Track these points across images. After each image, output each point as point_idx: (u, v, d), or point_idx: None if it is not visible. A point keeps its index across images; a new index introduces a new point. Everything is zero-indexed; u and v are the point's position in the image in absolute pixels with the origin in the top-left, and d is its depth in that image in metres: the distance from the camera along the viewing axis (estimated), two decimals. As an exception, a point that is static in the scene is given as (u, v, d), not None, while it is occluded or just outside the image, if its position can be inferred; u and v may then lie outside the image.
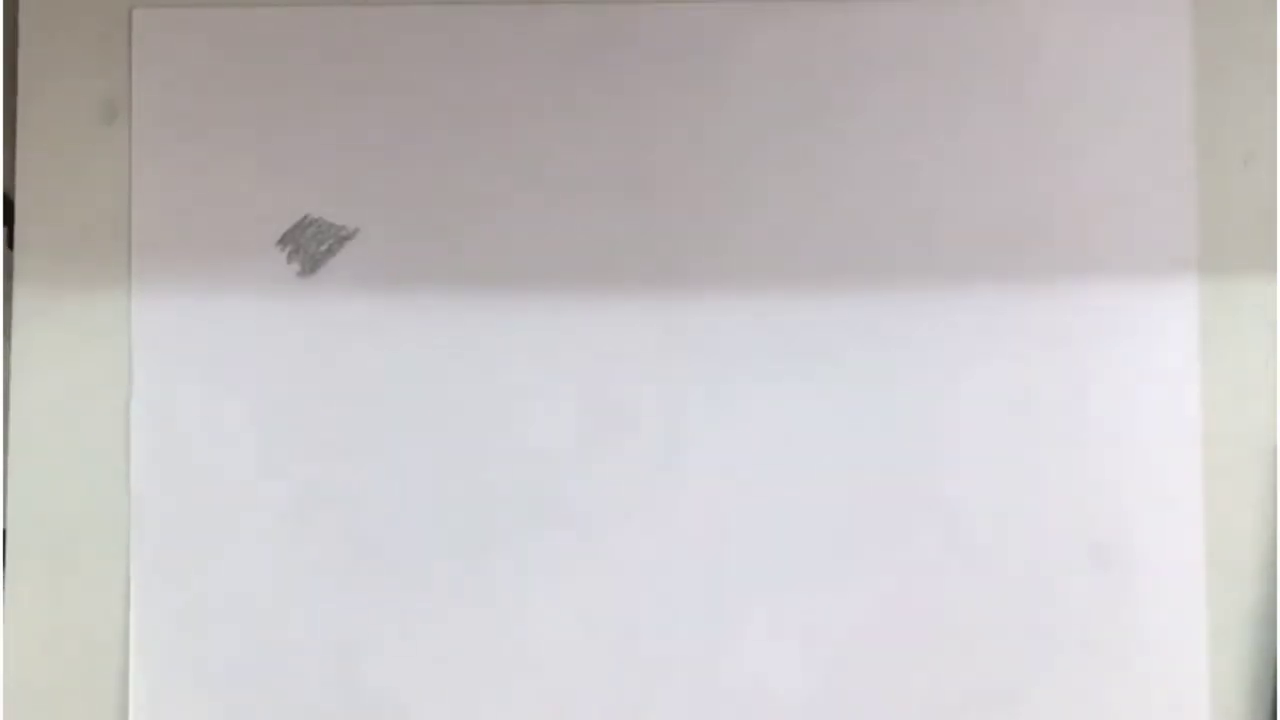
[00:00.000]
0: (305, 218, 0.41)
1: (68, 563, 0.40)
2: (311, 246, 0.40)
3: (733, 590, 0.40)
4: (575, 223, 0.41)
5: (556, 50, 0.42)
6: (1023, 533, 0.40)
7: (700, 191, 0.41)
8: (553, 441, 0.40)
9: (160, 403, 0.40)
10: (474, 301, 0.41)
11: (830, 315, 0.41)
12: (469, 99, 0.41)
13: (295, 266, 0.41)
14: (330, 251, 0.41)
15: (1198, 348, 0.41)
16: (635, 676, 0.40)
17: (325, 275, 0.41)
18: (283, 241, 0.41)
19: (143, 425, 0.40)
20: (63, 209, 0.41)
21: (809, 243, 0.41)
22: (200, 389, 0.41)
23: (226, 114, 0.41)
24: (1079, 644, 0.40)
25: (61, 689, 0.40)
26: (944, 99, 0.42)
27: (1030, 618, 0.40)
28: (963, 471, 0.41)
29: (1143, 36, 0.42)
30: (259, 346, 0.41)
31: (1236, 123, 0.42)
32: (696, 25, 0.42)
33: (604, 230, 0.41)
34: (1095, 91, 0.42)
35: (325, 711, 0.40)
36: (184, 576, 0.40)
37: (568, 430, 0.40)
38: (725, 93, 0.41)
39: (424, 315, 0.41)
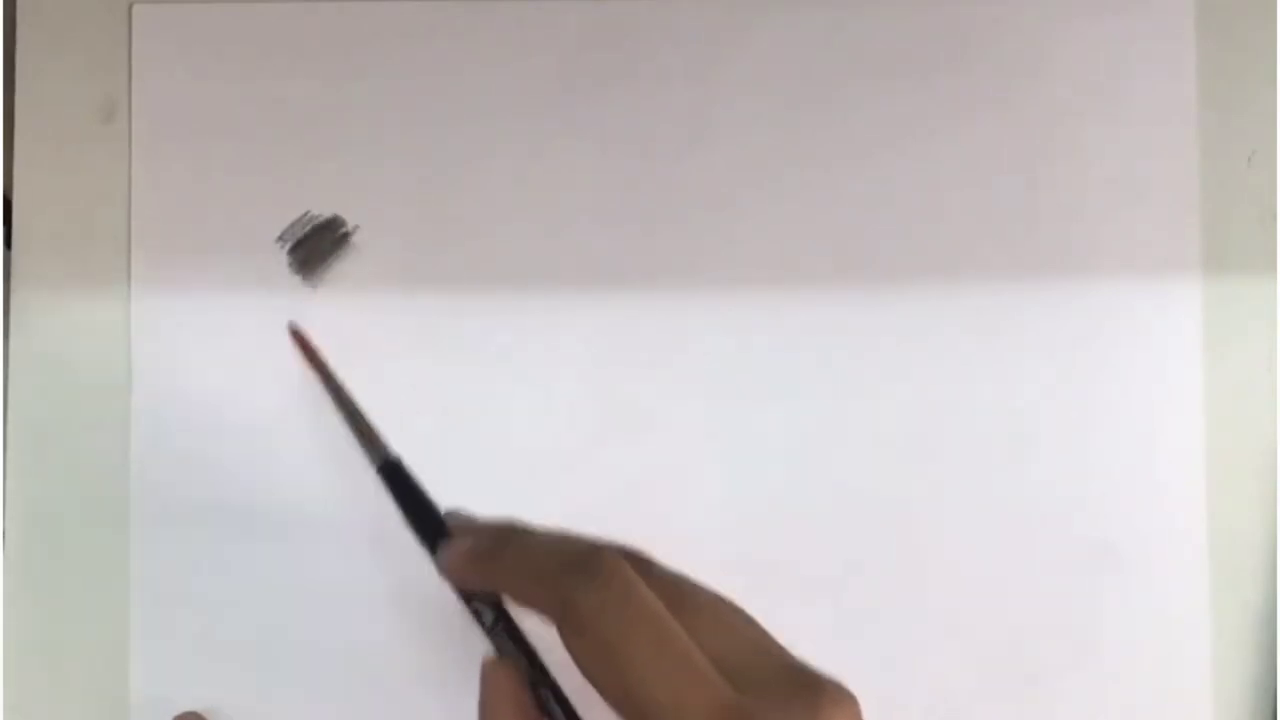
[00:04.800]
0: (306, 214, 0.40)
1: (68, 563, 0.40)
2: (311, 243, 0.40)
3: (737, 588, 0.40)
4: (578, 221, 0.41)
5: (560, 47, 0.41)
6: (1023, 533, 0.41)
7: (701, 190, 0.41)
8: (555, 442, 0.40)
9: (160, 403, 0.40)
10: (476, 299, 0.41)
11: (829, 315, 0.41)
12: (472, 96, 0.41)
13: (294, 264, 0.40)
14: (330, 249, 0.40)
15: (1200, 347, 0.41)
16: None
17: (325, 273, 0.41)
18: (282, 238, 0.40)
19: (143, 425, 0.40)
20: (61, 208, 0.41)
21: (808, 242, 0.41)
22: (201, 389, 0.40)
23: (228, 112, 0.41)
24: (1080, 644, 0.40)
25: (62, 689, 0.40)
26: (944, 98, 0.41)
27: (1030, 618, 0.40)
28: (962, 472, 0.41)
29: (1145, 35, 0.42)
30: (260, 346, 0.40)
31: (1239, 121, 0.42)
32: (699, 23, 0.41)
33: (606, 229, 0.41)
34: (1096, 90, 0.42)
35: (330, 715, 0.40)
36: (185, 577, 0.40)
37: (572, 429, 0.40)
38: (727, 91, 0.41)
39: (425, 313, 0.40)
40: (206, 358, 0.40)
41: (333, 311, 0.41)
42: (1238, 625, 0.40)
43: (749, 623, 0.29)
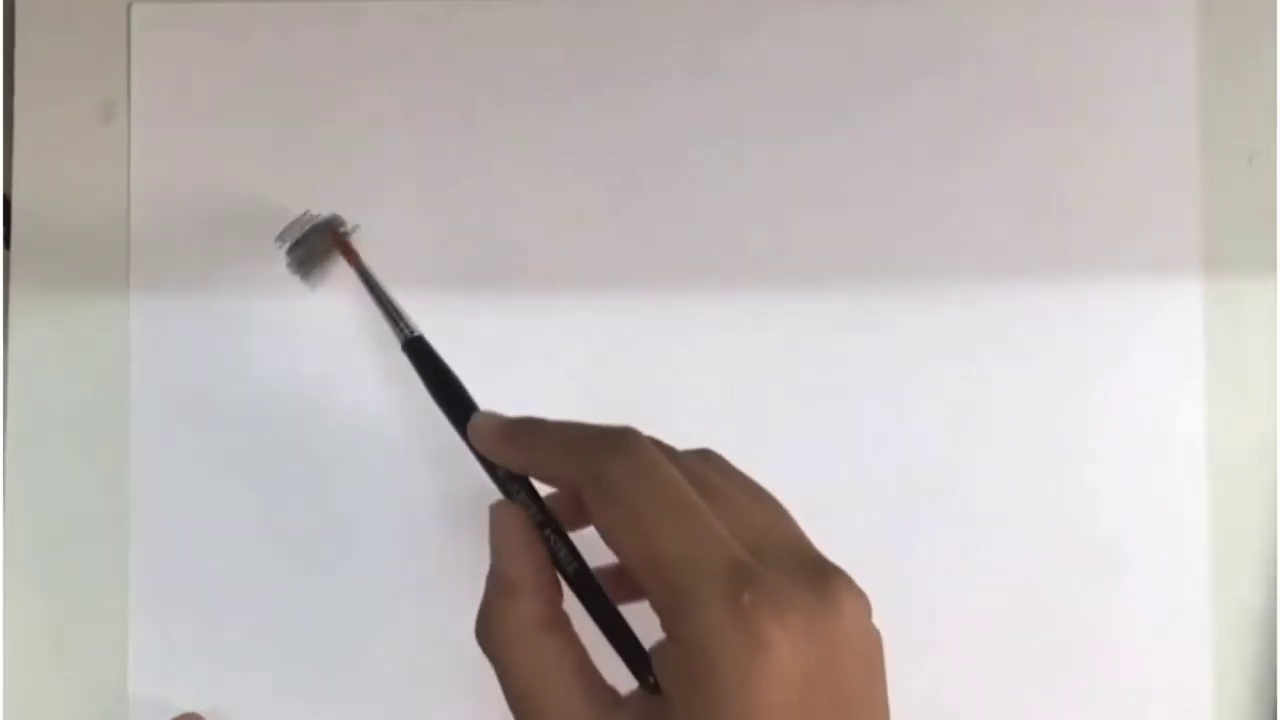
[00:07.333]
0: (305, 214, 0.40)
1: (68, 563, 0.40)
2: (310, 243, 0.40)
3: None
4: (578, 221, 0.41)
5: (560, 46, 0.41)
6: (1024, 533, 0.41)
7: (703, 190, 0.41)
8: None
9: (160, 403, 0.40)
10: (476, 298, 0.41)
11: (830, 315, 0.41)
12: (472, 96, 0.41)
13: (293, 264, 0.40)
14: (330, 249, 0.40)
15: (1200, 347, 0.41)
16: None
17: (325, 273, 0.41)
18: (281, 238, 0.40)
19: (142, 425, 0.40)
20: (61, 208, 0.41)
21: (811, 241, 0.41)
22: (200, 389, 0.40)
23: (227, 112, 0.41)
24: (1080, 644, 0.40)
25: (61, 689, 0.40)
26: (946, 99, 0.41)
27: (1031, 617, 0.40)
28: (963, 471, 0.41)
29: (1146, 36, 0.42)
30: (259, 346, 0.41)
31: (1240, 122, 0.42)
32: (700, 23, 0.41)
33: (607, 229, 0.41)
34: (1098, 91, 0.42)
35: (330, 716, 0.40)
36: (184, 578, 0.40)
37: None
38: (728, 92, 0.41)
39: (424, 313, 0.40)
40: (206, 358, 0.40)
41: (333, 312, 0.41)
42: (1238, 625, 0.40)
43: (776, 510, 0.31)
